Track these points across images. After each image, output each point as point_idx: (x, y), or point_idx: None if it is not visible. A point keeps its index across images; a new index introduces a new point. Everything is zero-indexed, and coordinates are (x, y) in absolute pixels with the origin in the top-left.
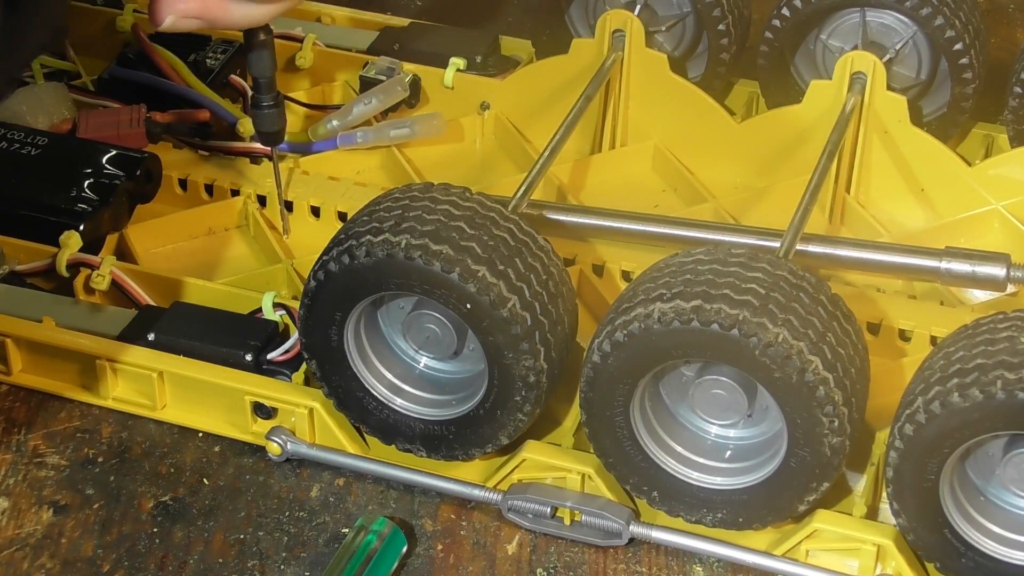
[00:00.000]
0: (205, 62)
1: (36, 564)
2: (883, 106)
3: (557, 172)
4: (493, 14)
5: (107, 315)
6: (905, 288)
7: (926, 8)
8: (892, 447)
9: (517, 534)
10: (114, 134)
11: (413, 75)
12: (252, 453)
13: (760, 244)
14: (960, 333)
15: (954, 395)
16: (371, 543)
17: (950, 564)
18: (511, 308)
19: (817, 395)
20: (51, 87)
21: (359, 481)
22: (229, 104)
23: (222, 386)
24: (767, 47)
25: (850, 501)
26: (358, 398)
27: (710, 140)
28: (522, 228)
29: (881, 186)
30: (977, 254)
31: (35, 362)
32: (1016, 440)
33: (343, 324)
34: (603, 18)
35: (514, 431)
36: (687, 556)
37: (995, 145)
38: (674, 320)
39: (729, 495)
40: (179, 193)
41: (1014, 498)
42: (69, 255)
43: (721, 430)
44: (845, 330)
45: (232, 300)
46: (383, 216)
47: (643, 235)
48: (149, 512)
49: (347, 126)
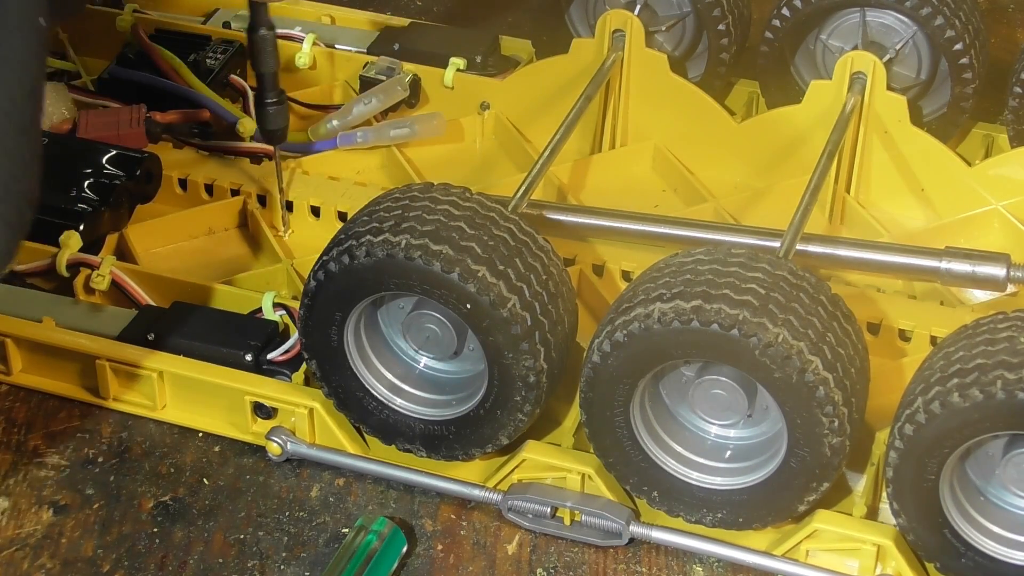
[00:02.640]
0: (205, 62)
1: (36, 564)
2: (883, 106)
3: (557, 172)
4: (493, 14)
5: (107, 315)
6: (905, 288)
7: (926, 8)
8: (892, 447)
9: (517, 534)
10: (114, 134)
11: (413, 75)
12: (252, 453)
13: (760, 244)
14: (960, 333)
15: (954, 395)
16: (371, 543)
17: (950, 564)
18: (511, 308)
19: (817, 395)
20: (51, 87)
21: (359, 481)
22: (229, 104)
23: (222, 386)
24: (767, 47)
25: (850, 501)
26: (358, 398)
27: (710, 140)
28: (522, 228)
29: (881, 186)
30: (977, 254)
31: (35, 362)
32: (1016, 440)
33: (343, 324)
34: (603, 18)
35: (514, 431)
36: (687, 556)
37: (995, 145)
38: (674, 320)
39: (729, 495)
40: (179, 193)
41: (1014, 498)
42: (69, 255)
43: (721, 430)
44: (845, 330)
45: (232, 300)
46: (383, 216)
47: (643, 235)
48: (149, 512)
49: (347, 126)
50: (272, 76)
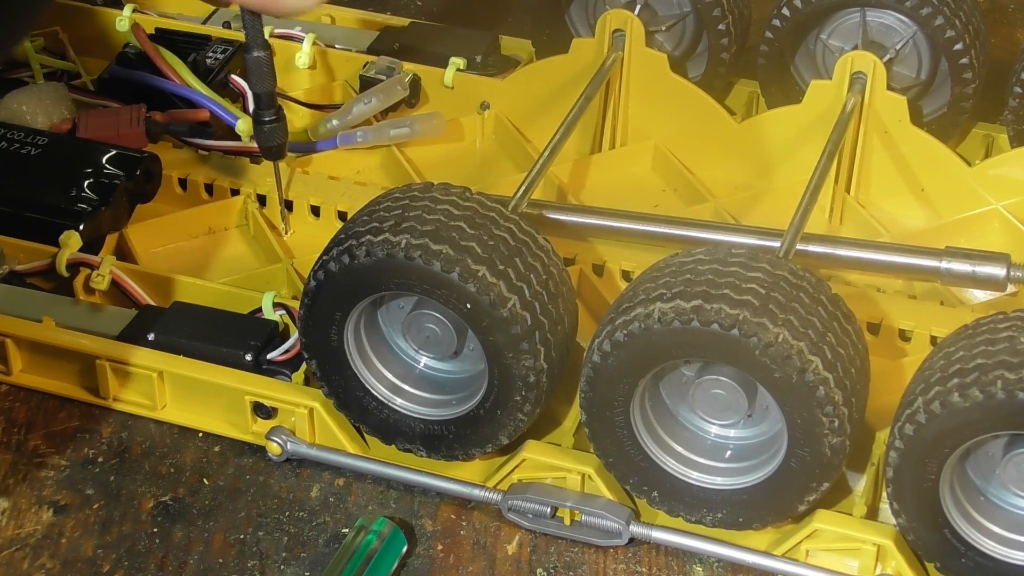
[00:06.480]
0: (205, 62)
1: (36, 564)
2: (883, 106)
3: (557, 172)
4: (493, 14)
5: (107, 315)
6: (905, 288)
7: (926, 8)
8: (892, 447)
9: (517, 534)
10: (114, 134)
11: (413, 75)
12: (252, 453)
13: (760, 244)
14: (960, 333)
15: (954, 395)
16: (371, 543)
17: (950, 564)
18: (511, 308)
19: (817, 395)
20: (51, 87)
21: (359, 481)
22: (229, 104)
23: (222, 386)
24: (767, 47)
25: (850, 501)
26: (358, 398)
27: (710, 140)
28: (522, 228)
29: (881, 186)
30: (977, 254)
31: (35, 362)
32: (1016, 440)
33: (343, 324)
34: (603, 18)
35: (514, 431)
36: (687, 556)
37: (995, 145)
38: (674, 320)
39: (729, 495)
40: (179, 193)
41: (1014, 498)
42: (69, 255)
43: (721, 430)
44: (845, 330)
45: (232, 300)
46: (383, 216)
47: (643, 235)
48: (149, 512)
49: (347, 126)
50: (269, 95)
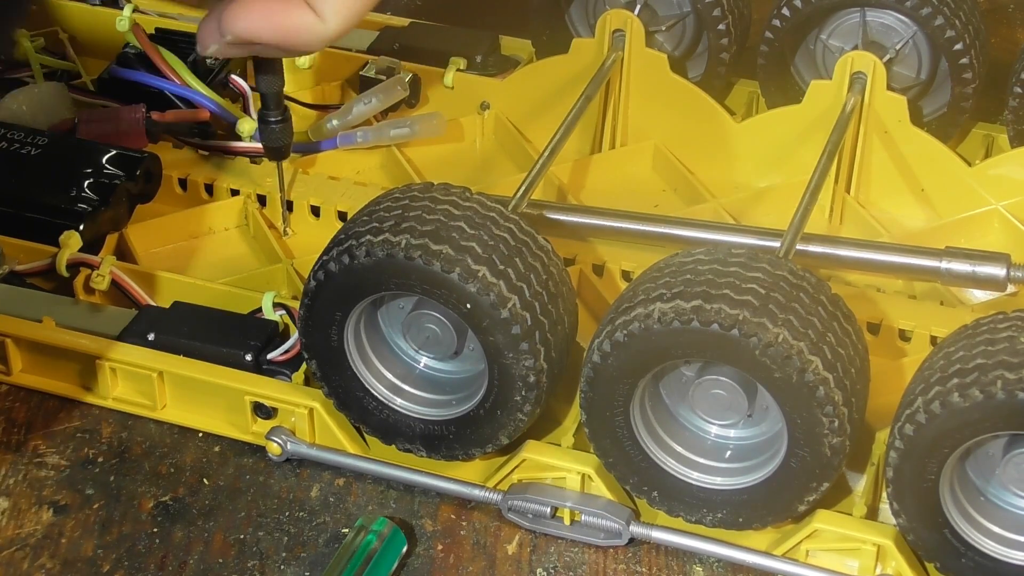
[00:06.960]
0: (205, 62)
1: (36, 564)
2: (883, 106)
3: (557, 172)
4: (493, 14)
5: (107, 315)
6: (905, 288)
7: (926, 8)
8: (892, 447)
9: (517, 534)
10: (114, 134)
11: (413, 75)
12: (252, 453)
13: (760, 244)
14: (960, 333)
15: (954, 395)
16: (371, 543)
17: (950, 564)
18: (511, 308)
19: (817, 395)
20: (51, 87)
21: (359, 481)
22: (229, 104)
23: (222, 386)
24: (767, 47)
25: (850, 501)
26: (358, 398)
27: (710, 140)
28: (522, 228)
29: (881, 186)
30: (977, 254)
31: (35, 362)
32: (1016, 440)
33: (343, 324)
34: (603, 18)
35: (514, 431)
36: (687, 556)
37: (995, 145)
38: (674, 320)
39: (729, 495)
40: (179, 193)
41: (1014, 498)
42: (69, 255)
43: (721, 430)
44: (845, 330)
45: (232, 300)
46: (383, 216)
47: (643, 235)
48: (149, 512)
49: (347, 126)
50: (276, 96)
